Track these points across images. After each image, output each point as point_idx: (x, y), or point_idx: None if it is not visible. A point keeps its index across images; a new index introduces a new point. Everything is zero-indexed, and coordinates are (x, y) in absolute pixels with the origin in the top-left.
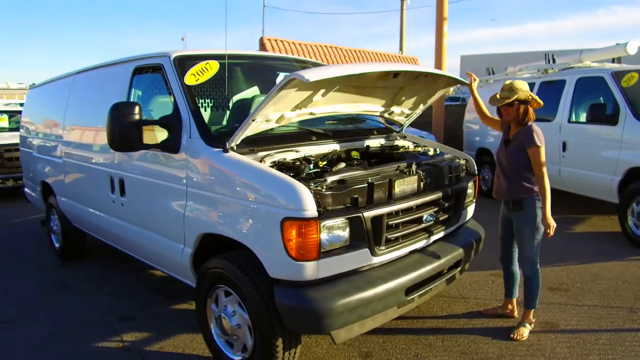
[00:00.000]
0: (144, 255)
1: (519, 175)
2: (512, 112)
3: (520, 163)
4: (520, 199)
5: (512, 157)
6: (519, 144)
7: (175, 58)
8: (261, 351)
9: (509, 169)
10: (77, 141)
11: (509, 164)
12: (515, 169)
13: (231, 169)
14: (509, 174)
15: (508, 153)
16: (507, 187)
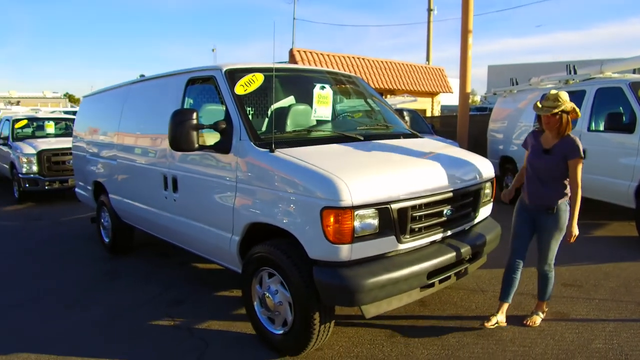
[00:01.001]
0: (193, 246)
1: (558, 183)
2: (554, 121)
3: (562, 172)
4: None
5: (554, 167)
6: (562, 155)
7: (226, 71)
8: (300, 325)
9: (549, 177)
10: (132, 144)
11: (549, 172)
12: (556, 177)
13: (276, 166)
14: (548, 181)
15: (549, 162)
16: (546, 193)
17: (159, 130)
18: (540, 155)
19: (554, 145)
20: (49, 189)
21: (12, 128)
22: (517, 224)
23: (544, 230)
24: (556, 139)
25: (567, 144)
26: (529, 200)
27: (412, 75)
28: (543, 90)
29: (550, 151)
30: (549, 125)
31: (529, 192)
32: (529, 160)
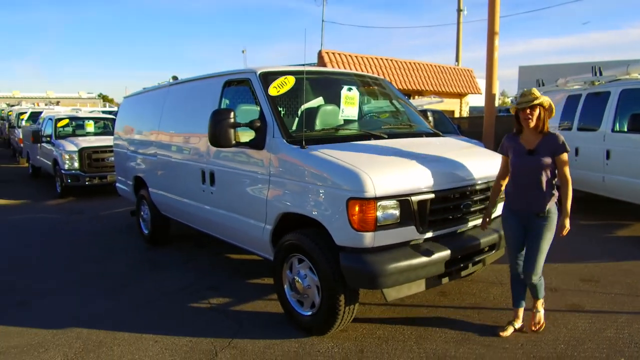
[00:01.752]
0: (228, 235)
1: (548, 185)
2: (532, 116)
3: (550, 171)
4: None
5: (542, 167)
6: (549, 152)
7: (260, 73)
8: (327, 306)
9: (538, 179)
10: (172, 142)
11: (538, 174)
12: (545, 177)
13: (306, 162)
14: (536, 184)
15: (535, 162)
16: (535, 197)
17: (197, 129)
18: (524, 156)
19: (537, 144)
20: (89, 184)
21: (54, 127)
22: (510, 234)
23: (535, 236)
24: (538, 137)
25: (552, 140)
26: (517, 207)
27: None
28: (569, 91)
29: (535, 151)
30: (529, 121)
31: (516, 198)
32: (514, 164)
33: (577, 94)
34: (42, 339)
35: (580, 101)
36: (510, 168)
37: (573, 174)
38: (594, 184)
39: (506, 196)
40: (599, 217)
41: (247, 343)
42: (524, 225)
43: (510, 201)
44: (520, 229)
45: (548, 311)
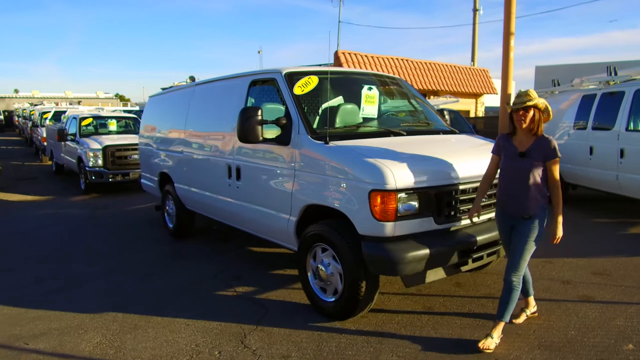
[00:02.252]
0: (253, 227)
1: (537, 188)
2: (526, 118)
3: (540, 175)
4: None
5: (532, 170)
6: (541, 156)
7: (285, 74)
8: (349, 292)
9: (527, 182)
10: (198, 139)
11: (527, 177)
12: (535, 181)
13: (330, 156)
14: (526, 187)
15: (525, 166)
16: (524, 200)
17: (224, 127)
18: (516, 159)
19: (529, 147)
20: (112, 181)
21: (79, 125)
22: (503, 234)
23: (520, 237)
24: (531, 140)
25: (544, 145)
26: (506, 209)
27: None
28: (584, 91)
29: (527, 154)
30: (522, 123)
31: (506, 200)
32: (504, 166)
33: (591, 93)
34: (80, 322)
35: (595, 101)
36: (502, 170)
37: (587, 173)
38: (608, 182)
39: (497, 196)
40: (613, 215)
41: (273, 327)
42: (511, 225)
43: (499, 201)
44: (508, 229)
45: (560, 301)
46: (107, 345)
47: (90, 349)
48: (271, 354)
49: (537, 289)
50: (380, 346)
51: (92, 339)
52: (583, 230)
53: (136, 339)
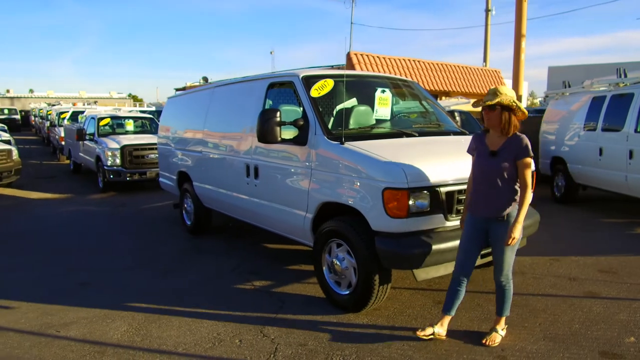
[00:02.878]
0: (269, 224)
1: (510, 188)
2: (493, 117)
3: (511, 175)
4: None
5: (504, 170)
6: (512, 155)
7: (302, 77)
8: (363, 285)
9: (497, 183)
10: (217, 139)
11: (497, 177)
12: (506, 181)
13: (345, 156)
14: (498, 187)
15: (497, 165)
16: (497, 201)
17: (242, 127)
18: (487, 158)
19: (501, 146)
20: (130, 180)
21: (97, 125)
22: (466, 238)
23: (497, 240)
24: (502, 138)
25: (515, 144)
26: (479, 211)
27: (467, 77)
28: (595, 93)
29: (498, 153)
30: (490, 122)
31: (478, 201)
32: (476, 165)
33: (601, 95)
34: (107, 312)
35: (605, 102)
36: (473, 169)
37: (597, 173)
38: (617, 183)
39: (467, 199)
40: (621, 215)
41: (290, 318)
42: (485, 229)
43: (470, 203)
44: (479, 232)
45: (566, 297)
46: (133, 333)
47: (118, 336)
48: (289, 342)
49: (543, 285)
50: (392, 336)
51: (119, 327)
52: (592, 229)
53: (161, 328)
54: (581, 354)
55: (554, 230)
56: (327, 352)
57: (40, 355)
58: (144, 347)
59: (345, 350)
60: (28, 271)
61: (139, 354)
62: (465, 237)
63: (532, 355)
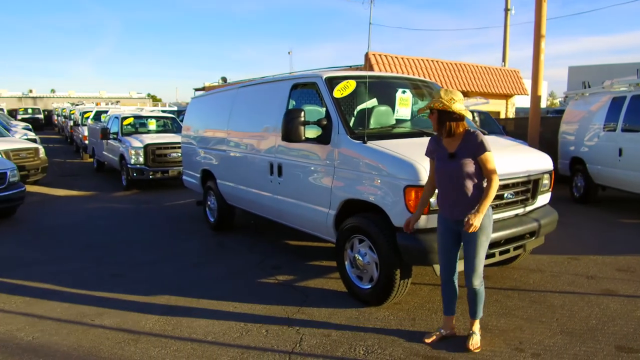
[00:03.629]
0: (292, 221)
1: (476, 187)
2: (432, 119)
3: (476, 174)
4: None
5: (464, 171)
6: (470, 154)
7: (326, 78)
8: (384, 280)
9: (462, 184)
10: (241, 138)
11: (461, 179)
12: (472, 183)
13: (368, 154)
14: (462, 189)
15: (457, 166)
16: (464, 202)
17: (266, 126)
18: (446, 160)
19: (457, 147)
20: (153, 178)
21: (121, 124)
22: (442, 240)
23: (470, 241)
24: (458, 139)
25: (471, 142)
26: (448, 214)
27: (486, 77)
28: (615, 93)
29: (456, 154)
30: (434, 127)
31: (445, 204)
32: (437, 169)
33: (621, 96)
34: (139, 302)
35: (625, 103)
36: (435, 173)
37: (617, 174)
38: (637, 183)
39: (437, 201)
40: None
41: (314, 310)
42: (457, 230)
43: (440, 206)
44: (452, 234)
45: (583, 294)
46: (164, 323)
47: (150, 325)
48: (313, 333)
49: (561, 282)
50: (412, 328)
51: (150, 317)
52: (611, 229)
53: (190, 318)
54: (597, 348)
55: (573, 230)
56: (350, 343)
57: (78, 342)
58: (175, 336)
59: (368, 340)
60: (61, 264)
61: (170, 342)
62: (441, 240)
63: (549, 348)
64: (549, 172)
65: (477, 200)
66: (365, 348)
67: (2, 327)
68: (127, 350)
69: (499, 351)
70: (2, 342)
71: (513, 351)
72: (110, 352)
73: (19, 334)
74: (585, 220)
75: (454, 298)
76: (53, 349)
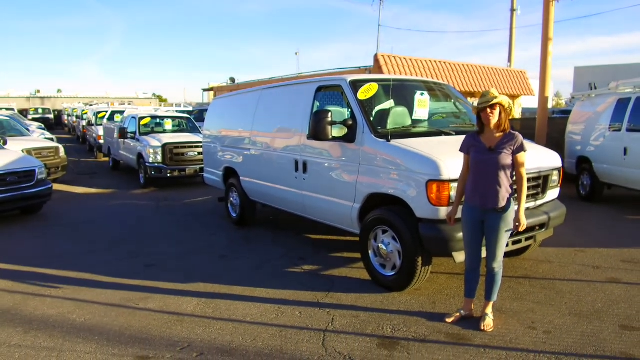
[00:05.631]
0: (317, 214)
1: (507, 180)
2: (495, 113)
3: (510, 168)
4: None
5: (503, 163)
6: (509, 150)
7: (350, 81)
8: (407, 267)
9: (497, 175)
10: (266, 137)
11: (497, 170)
12: (505, 175)
13: (392, 152)
14: (498, 180)
15: (495, 160)
16: (495, 194)
17: (291, 126)
18: (486, 153)
19: (498, 142)
20: (170, 176)
21: (138, 124)
22: (468, 229)
23: (494, 230)
24: (498, 136)
25: (512, 139)
26: (476, 202)
27: (493, 78)
28: (621, 94)
29: (495, 149)
30: (490, 119)
31: (477, 194)
32: (475, 160)
33: (627, 97)
34: (177, 289)
35: (630, 104)
36: (471, 165)
37: (622, 173)
38: None
39: (465, 192)
40: None
41: (341, 295)
42: (482, 219)
43: (469, 197)
44: (477, 223)
45: (589, 282)
46: (204, 306)
47: (191, 308)
48: (343, 314)
49: (569, 272)
50: (433, 310)
51: (190, 302)
52: (616, 225)
53: (227, 302)
54: (603, 327)
55: (579, 225)
56: (378, 322)
57: (128, 323)
58: (216, 317)
59: (394, 321)
60: (96, 256)
61: (213, 322)
62: (467, 231)
63: (559, 327)
64: (557, 169)
65: (505, 190)
66: (392, 327)
67: (54, 311)
68: (175, 330)
69: (514, 329)
70: (57, 323)
71: (527, 329)
72: (159, 331)
73: (70, 316)
74: (591, 216)
75: (476, 283)
76: (106, 329)
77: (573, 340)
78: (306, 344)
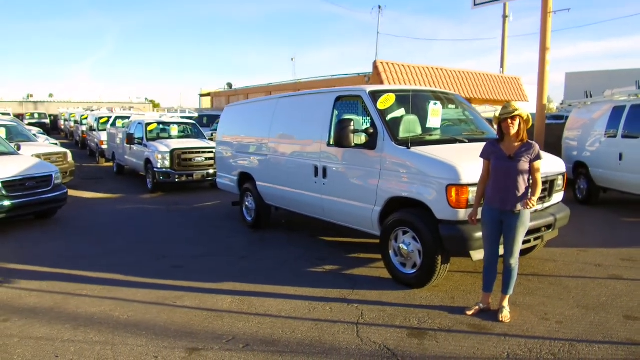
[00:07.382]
0: (337, 217)
1: (524, 186)
2: (515, 124)
3: (527, 174)
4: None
5: (521, 170)
6: (527, 158)
7: (370, 92)
8: (427, 265)
9: (516, 181)
10: (284, 143)
11: (516, 176)
12: (523, 181)
13: (412, 159)
14: (517, 185)
15: (516, 167)
16: (513, 196)
17: (311, 133)
18: (506, 160)
19: (516, 150)
20: (178, 181)
21: (145, 130)
22: (488, 231)
23: (511, 229)
24: (516, 145)
25: (530, 149)
26: (496, 204)
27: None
28: (615, 102)
29: (514, 157)
30: (510, 129)
31: (497, 197)
32: (496, 167)
33: (622, 105)
34: (208, 287)
35: (625, 111)
36: (492, 171)
37: (617, 177)
38: (636, 185)
39: (485, 195)
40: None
41: (365, 292)
42: (501, 220)
43: (489, 199)
44: (497, 223)
45: (593, 278)
46: (239, 303)
47: (227, 305)
48: (370, 309)
49: (573, 269)
50: (453, 304)
51: (225, 299)
52: (613, 226)
53: (260, 300)
54: (609, 317)
55: (580, 227)
56: (404, 316)
57: (170, 319)
58: (252, 312)
59: (419, 314)
60: (119, 257)
61: (251, 317)
62: (487, 230)
63: (570, 317)
64: (562, 174)
65: (524, 194)
66: (418, 319)
67: (96, 309)
68: (216, 324)
69: (529, 320)
70: (102, 320)
71: (540, 320)
72: (201, 326)
73: (113, 313)
74: (589, 219)
75: (493, 278)
76: (151, 325)
77: (583, 329)
78: (342, 335)
